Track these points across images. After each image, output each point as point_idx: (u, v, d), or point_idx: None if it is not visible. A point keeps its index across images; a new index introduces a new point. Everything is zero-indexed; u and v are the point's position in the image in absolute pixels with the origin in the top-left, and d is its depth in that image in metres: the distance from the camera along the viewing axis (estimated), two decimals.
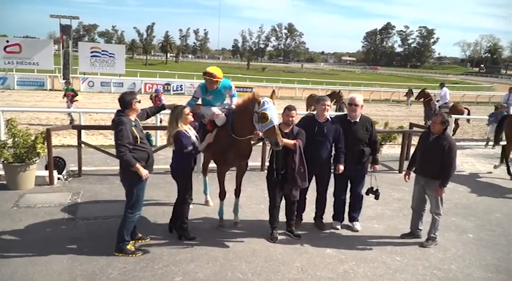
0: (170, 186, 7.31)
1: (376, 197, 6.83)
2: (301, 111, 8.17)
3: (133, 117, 5.49)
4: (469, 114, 18.23)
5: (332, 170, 6.68)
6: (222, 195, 6.67)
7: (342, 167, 6.51)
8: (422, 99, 20.87)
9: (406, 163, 11.12)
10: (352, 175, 6.69)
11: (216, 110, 6.46)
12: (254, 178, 9.04)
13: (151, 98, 16.73)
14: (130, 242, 5.75)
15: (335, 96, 18.28)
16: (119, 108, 5.48)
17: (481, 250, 6.47)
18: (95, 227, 6.38)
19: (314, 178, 6.63)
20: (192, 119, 5.97)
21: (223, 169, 6.59)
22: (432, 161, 6.21)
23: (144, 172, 5.39)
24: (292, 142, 5.94)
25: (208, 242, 6.13)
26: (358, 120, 6.59)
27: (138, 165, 5.33)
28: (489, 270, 5.84)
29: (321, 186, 6.77)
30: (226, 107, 6.62)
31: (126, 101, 5.42)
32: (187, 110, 5.87)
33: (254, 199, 7.94)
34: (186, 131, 5.82)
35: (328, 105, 6.52)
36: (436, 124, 6.23)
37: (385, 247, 6.34)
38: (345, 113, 7.00)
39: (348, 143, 6.49)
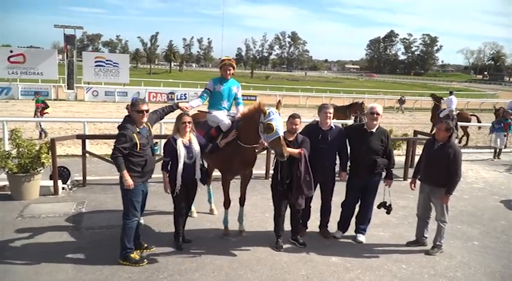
0: None
1: (388, 212, 6.74)
2: (305, 119, 8.14)
3: (137, 125, 5.50)
4: (479, 121, 17.92)
5: (337, 179, 6.67)
6: (227, 204, 6.66)
7: (345, 175, 6.50)
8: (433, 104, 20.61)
9: (410, 171, 11.17)
10: (364, 185, 6.59)
11: (222, 116, 6.56)
12: (259, 186, 9.04)
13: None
14: (137, 251, 5.76)
15: (357, 108, 17.30)
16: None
17: (486, 257, 6.43)
18: (100, 237, 6.38)
19: (319, 186, 6.58)
20: (189, 129, 5.90)
21: (228, 177, 6.58)
22: (437, 169, 6.18)
23: (128, 182, 5.34)
24: (297, 150, 5.93)
25: (213, 251, 6.11)
26: (374, 130, 6.46)
27: (125, 173, 5.34)
28: (494, 277, 5.81)
29: (325, 194, 6.73)
30: (232, 114, 6.67)
31: (130, 107, 5.60)
32: (186, 118, 5.86)
33: (259, 208, 7.92)
34: (177, 139, 5.80)
35: (330, 113, 6.46)
36: (441, 131, 6.20)
37: (391, 255, 6.30)
38: (363, 123, 6.91)
39: (361, 153, 6.43)
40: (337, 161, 6.64)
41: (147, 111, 5.49)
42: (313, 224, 6.97)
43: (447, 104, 18.94)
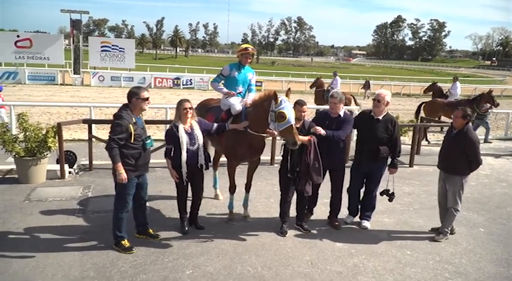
0: None
1: (390, 200, 6.72)
2: (310, 105, 8.13)
3: (136, 113, 5.40)
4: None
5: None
6: (232, 189, 6.68)
7: (319, 129, 6.07)
8: (431, 93, 20.31)
9: (416, 157, 11.17)
10: (368, 172, 6.56)
11: (234, 100, 6.55)
12: (264, 172, 9.05)
13: None
14: (141, 236, 5.83)
15: (487, 100, 15.27)
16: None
17: (492, 244, 6.43)
18: (106, 221, 6.40)
19: (328, 175, 6.57)
20: (190, 115, 5.84)
21: (235, 163, 6.58)
22: (452, 156, 6.17)
23: (122, 175, 5.21)
24: (306, 138, 5.90)
25: (218, 235, 6.15)
26: (381, 117, 6.39)
27: (119, 165, 5.20)
28: (500, 264, 5.80)
29: (335, 183, 6.65)
30: (241, 102, 6.62)
31: (128, 95, 5.39)
32: (187, 104, 5.79)
33: (264, 193, 7.94)
34: (179, 126, 5.76)
35: (337, 103, 6.34)
36: (458, 118, 6.13)
37: (395, 241, 6.31)
38: (370, 109, 6.71)
39: (365, 139, 6.44)
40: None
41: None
42: (319, 210, 6.99)
43: (451, 92, 18.74)
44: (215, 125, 6.21)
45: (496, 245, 6.40)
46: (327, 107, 8.05)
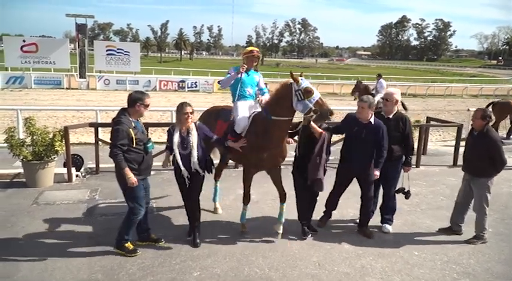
0: None
1: (407, 197, 6.62)
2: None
3: (135, 118, 5.34)
4: None
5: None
6: (247, 199, 6.31)
7: (377, 173, 6.12)
8: (357, 93, 19.27)
9: (423, 158, 11.13)
10: (384, 174, 6.28)
11: (243, 109, 6.19)
12: None
13: None
14: (144, 243, 5.78)
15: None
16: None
17: (500, 244, 6.39)
18: (113, 224, 6.40)
19: (355, 179, 6.39)
20: (190, 120, 5.59)
21: (253, 172, 6.19)
22: (475, 158, 6.11)
23: (131, 179, 5.19)
24: (320, 130, 5.81)
25: (225, 237, 6.16)
26: (391, 116, 6.30)
27: (127, 170, 5.17)
28: (508, 264, 5.77)
29: (364, 190, 6.36)
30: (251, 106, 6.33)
31: (131, 100, 5.30)
32: (187, 109, 5.53)
33: (270, 195, 7.92)
34: (175, 129, 5.62)
35: (365, 107, 5.98)
36: (477, 119, 6.04)
37: (403, 242, 6.29)
38: (380, 108, 6.64)
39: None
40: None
41: None
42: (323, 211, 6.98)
43: (378, 89, 18.38)
44: (215, 137, 5.93)
45: (504, 245, 6.37)
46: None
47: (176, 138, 5.58)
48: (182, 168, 5.63)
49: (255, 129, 5.91)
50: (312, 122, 5.68)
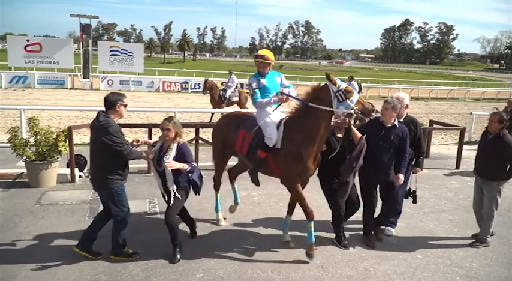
0: None
1: (414, 201, 6.62)
2: None
3: (116, 120, 5.22)
4: None
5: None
6: (312, 214, 5.57)
7: (401, 178, 6.01)
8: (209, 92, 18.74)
9: (426, 161, 11.09)
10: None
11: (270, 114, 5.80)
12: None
13: None
14: (118, 258, 5.48)
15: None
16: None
17: (502, 247, 6.38)
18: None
19: (379, 187, 6.27)
20: (167, 138, 5.33)
21: (299, 181, 5.65)
22: (488, 162, 6.10)
23: (151, 155, 5.37)
24: (360, 134, 5.70)
25: (227, 240, 6.16)
26: (402, 120, 6.27)
27: (146, 155, 5.38)
28: (511, 268, 5.76)
29: (386, 196, 6.31)
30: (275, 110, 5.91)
31: (110, 102, 5.14)
32: (165, 125, 5.28)
33: (273, 197, 7.93)
34: (157, 144, 5.52)
35: (390, 108, 5.88)
36: (493, 123, 6.02)
37: (406, 245, 6.28)
38: None
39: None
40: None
41: None
42: (327, 212, 6.94)
43: (229, 84, 18.45)
44: (192, 166, 5.40)
45: (507, 248, 6.36)
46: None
47: (155, 154, 5.43)
48: (158, 183, 5.56)
49: (290, 136, 5.52)
50: (352, 126, 5.60)
